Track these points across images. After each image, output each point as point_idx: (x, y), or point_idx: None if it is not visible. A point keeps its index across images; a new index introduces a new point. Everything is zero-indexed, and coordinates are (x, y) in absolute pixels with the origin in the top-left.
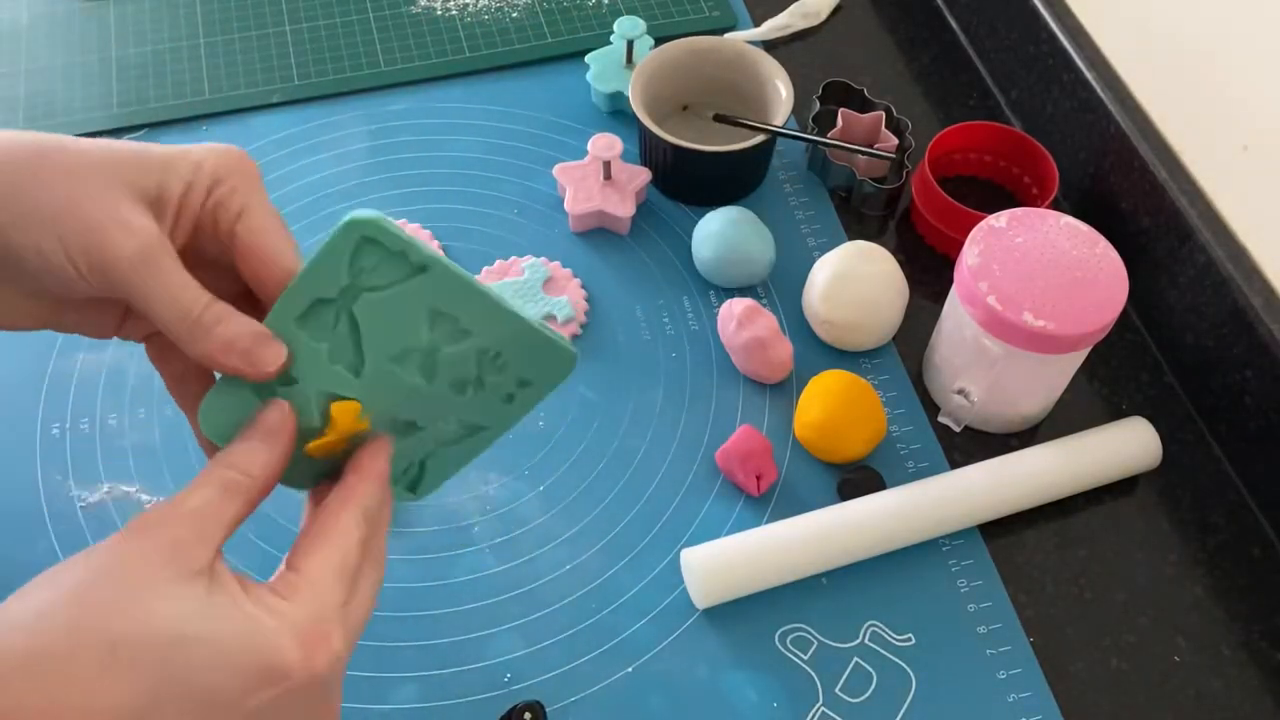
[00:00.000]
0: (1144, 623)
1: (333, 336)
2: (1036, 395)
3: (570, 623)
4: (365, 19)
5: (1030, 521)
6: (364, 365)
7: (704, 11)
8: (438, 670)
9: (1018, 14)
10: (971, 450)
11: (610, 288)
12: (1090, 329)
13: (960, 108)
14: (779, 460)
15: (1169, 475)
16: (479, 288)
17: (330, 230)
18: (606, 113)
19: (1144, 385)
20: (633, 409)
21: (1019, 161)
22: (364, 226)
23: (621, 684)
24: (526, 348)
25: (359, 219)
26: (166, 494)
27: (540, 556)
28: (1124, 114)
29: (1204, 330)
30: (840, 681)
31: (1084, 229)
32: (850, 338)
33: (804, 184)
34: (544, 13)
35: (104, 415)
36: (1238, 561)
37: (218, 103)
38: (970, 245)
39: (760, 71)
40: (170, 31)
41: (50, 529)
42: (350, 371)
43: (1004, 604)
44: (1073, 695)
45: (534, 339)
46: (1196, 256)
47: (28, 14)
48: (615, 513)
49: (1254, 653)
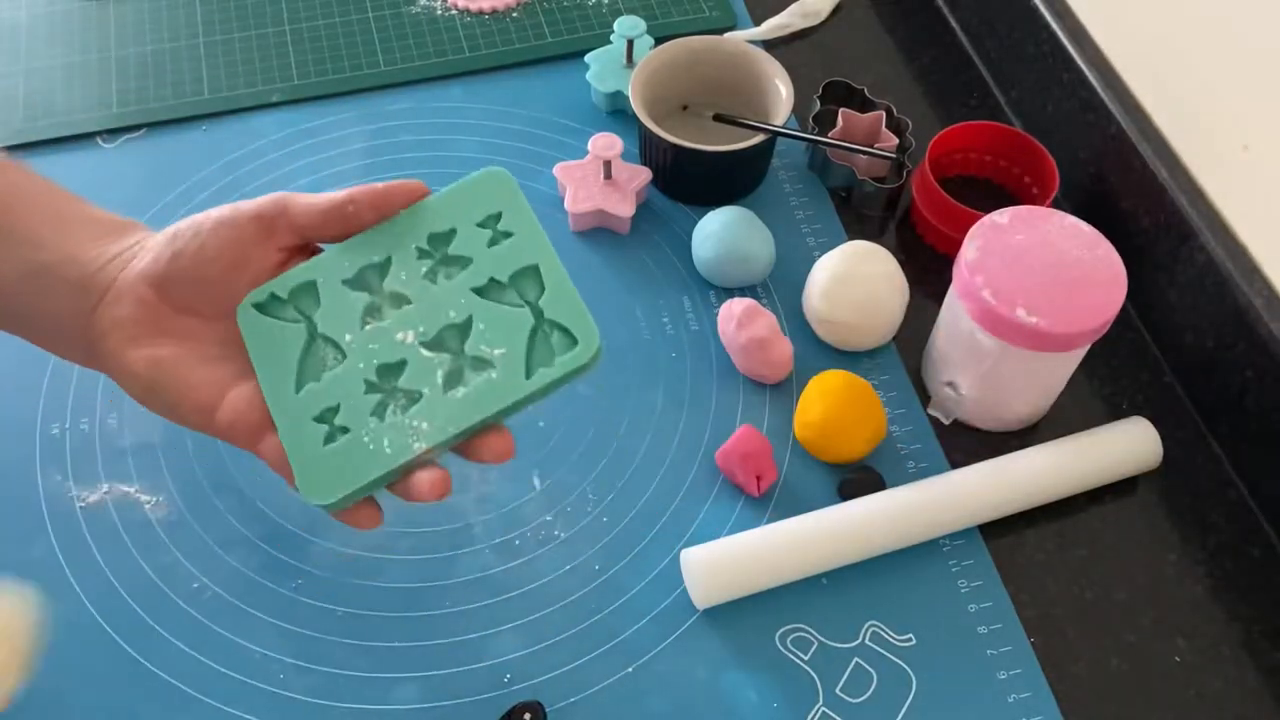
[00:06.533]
0: (1144, 623)
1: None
2: (1032, 394)
3: (570, 623)
4: (365, 19)
5: (1030, 521)
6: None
7: (704, 11)
8: (438, 670)
9: (1018, 14)
10: (971, 450)
11: (610, 288)
12: (1084, 329)
13: (960, 108)
14: (779, 460)
15: (1169, 475)
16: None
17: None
18: (606, 112)
19: (1144, 385)
20: (632, 409)
21: (1019, 161)
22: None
23: (621, 684)
24: (569, 311)
25: (498, 172)
26: (166, 494)
27: (540, 556)
28: (1124, 114)
29: (1204, 330)
30: (840, 682)
31: (1086, 229)
32: (850, 338)
33: (804, 184)
34: (544, 13)
35: (104, 415)
36: (1238, 561)
37: (218, 103)
38: (970, 240)
39: (760, 71)
40: (170, 31)
41: (50, 529)
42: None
43: (1004, 604)
44: (1073, 695)
45: (576, 306)
46: (1196, 256)
47: (27, 14)
48: (615, 513)
49: (1254, 653)
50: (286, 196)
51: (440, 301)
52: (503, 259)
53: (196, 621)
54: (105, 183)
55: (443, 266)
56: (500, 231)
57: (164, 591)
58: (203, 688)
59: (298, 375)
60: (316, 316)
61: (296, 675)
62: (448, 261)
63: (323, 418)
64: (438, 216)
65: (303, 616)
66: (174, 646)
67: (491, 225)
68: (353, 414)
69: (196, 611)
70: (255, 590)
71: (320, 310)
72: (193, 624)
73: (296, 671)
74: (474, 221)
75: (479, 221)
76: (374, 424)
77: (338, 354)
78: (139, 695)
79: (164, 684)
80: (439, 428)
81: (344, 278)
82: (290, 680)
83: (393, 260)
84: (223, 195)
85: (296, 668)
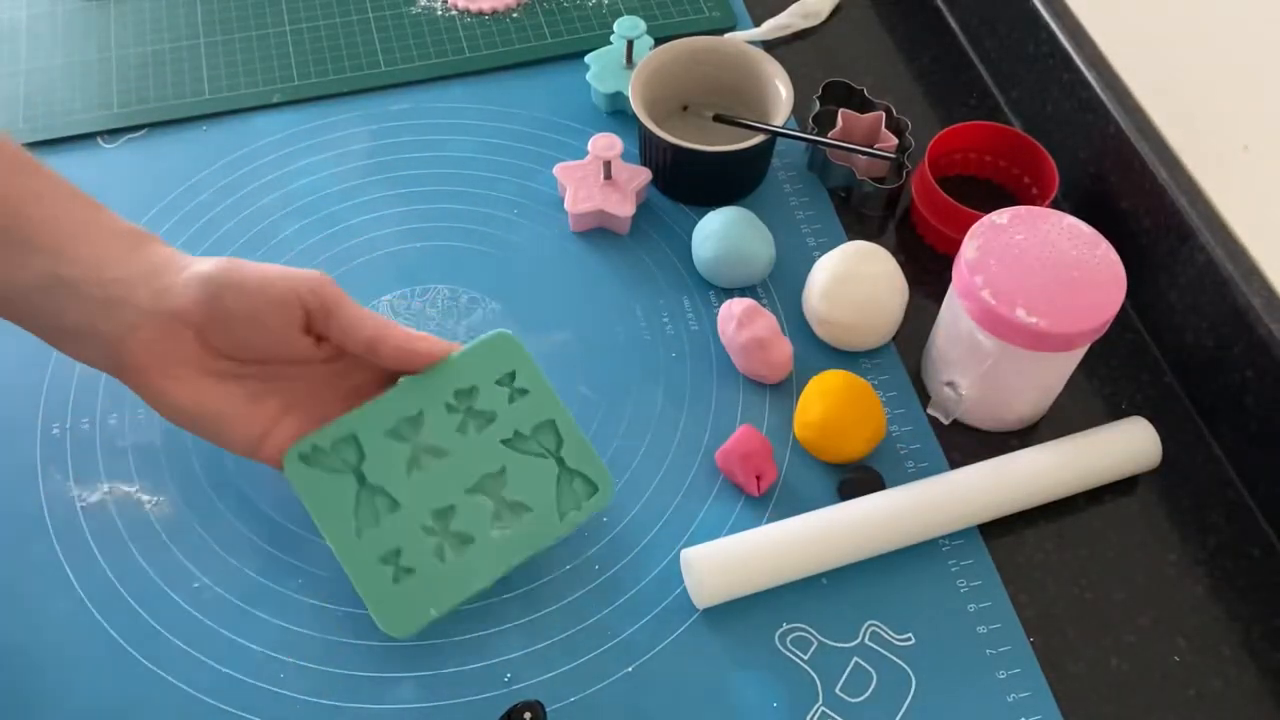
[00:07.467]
0: (1144, 623)
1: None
2: (1031, 394)
3: (570, 623)
4: (365, 19)
5: (1030, 521)
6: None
7: (704, 11)
8: (438, 670)
9: (1018, 14)
10: (971, 450)
11: (610, 288)
12: (1083, 329)
13: (960, 108)
14: (779, 460)
15: (1169, 475)
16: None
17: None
18: (606, 113)
19: (1144, 385)
20: (633, 409)
21: (1019, 161)
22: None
23: (621, 684)
24: (586, 461)
25: (508, 335)
26: (167, 494)
27: (540, 556)
28: (1124, 114)
29: (1204, 330)
30: (840, 681)
31: (1086, 230)
32: (850, 338)
33: (804, 184)
34: (544, 13)
35: (104, 415)
36: (1238, 561)
37: (218, 103)
38: (970, 240)
39: (760, 71)
40: (170, 31)
41: (50, 529)
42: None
43: (1004, 604)
44: (1073, 695)
45: (591, 455)
46: (1196, 256)
47: (27, 14)
48: (615, 513)
49: (1254, 653)
50: (336, 297)
51: (475, 452)
52: (523, 414)
53: (197, 621)
54: (106, 183)
55: (471, 420)
56: (517, 389)
57: (164, 591)
58: (203, 688)
59: (355, 521)
60: (364, 467)
61: (296, 675)
62: (474, 415)
63: (387, 559)
64: (459, 374)
65: (303, 616)
66: (174, 646)
67: (508, 383)
68: (415, 556)
69: (197, 611)
70: (255, 590)
71: (366, 461)
72: (193, 624)
73: (296, 671)
74: (493, 379)
75: (497, 379)
76: (436, 564)
77: (388, 501)
78: (139, 695)
79: (164, 684)
80: (492, 567)
81: (384, 430)
82: (290, 680)
83: (425, 414)
84: (223, 195)
85: (296, 668)
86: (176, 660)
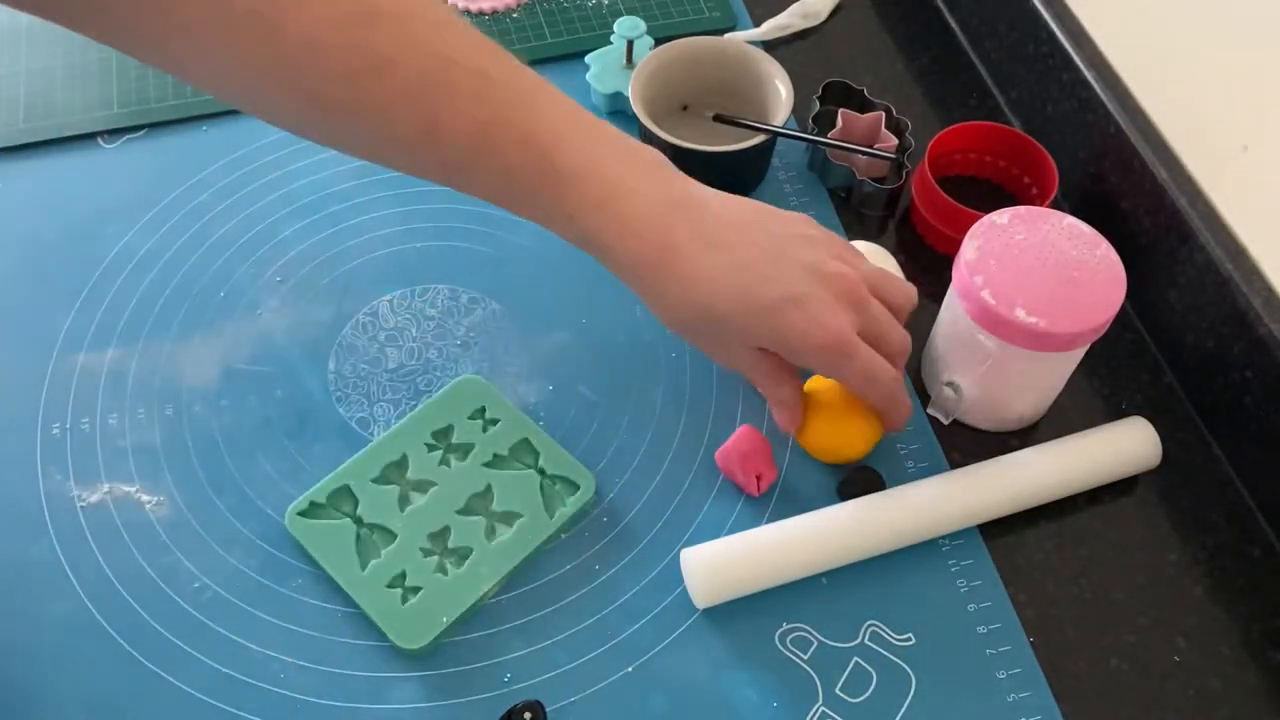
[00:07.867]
0: (1144, 623)
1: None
2: (1031, 394)
3: (570, 623)
4: None
5: (1030, 521)
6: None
7: (704, 11)
8: (438, 670)
9: (1018, 14)
10: (971, 450)
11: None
12: (1083, 329)
13: (960, 108)
14: (779, 460)
15: (1169, 475)
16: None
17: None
18: (606, 113)
19: (1144, 385)
20: (633, 409)
21: (1019, 161)
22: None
23: (621, 684)
24: (564, 465)
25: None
26: (166, 494)
27: (540, 557)
28: (1124, 114)
29: (1204, 330)
30: (840, 681)
31: (1086, 230)
32: None
33: (804, 184)
34: (544, 13)
35: (104, 415)
36: (1238, 561)
37: (218, 103)
38: (969, 240)
39: (760, 71)
40: None
41: (50, 529)
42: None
43: (1004, 604)
44: (1073, 695)
45: (568, 460)
46: (1196, 256)
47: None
48: (615, 513)
49: (1254, 653)
50: None
51: (460, 479)
52: (498, 439)
53: (197, 621)
54: (106, 183)
55: (451, 454)
56: (489, 420)
57: (164, 591)
58: (203, 688)
59: (359, 558)
60: (359, 512)
61: (296, 675)
62: (454, 449)
63: (393, 583)
64: (433, 418)
65: (303, 616)
66: (174, 646)
67: (480, 416)
68: (419, 576)
69: (197, 611)
70: (255, 590)
71: (361, 506)
72: (193, 624)
73: (296, 671)
74: (465, 416)
75: (469, 415)
76: (440, 579)
77: (386, 535)
78: (139, 695)
79: (164, 684)
80: (494, 569)
81: (372, 477)
82: (290, 680)
83: (408, 456)
84: (223, 195)
85: (296, 668)
86: (176, 660)
